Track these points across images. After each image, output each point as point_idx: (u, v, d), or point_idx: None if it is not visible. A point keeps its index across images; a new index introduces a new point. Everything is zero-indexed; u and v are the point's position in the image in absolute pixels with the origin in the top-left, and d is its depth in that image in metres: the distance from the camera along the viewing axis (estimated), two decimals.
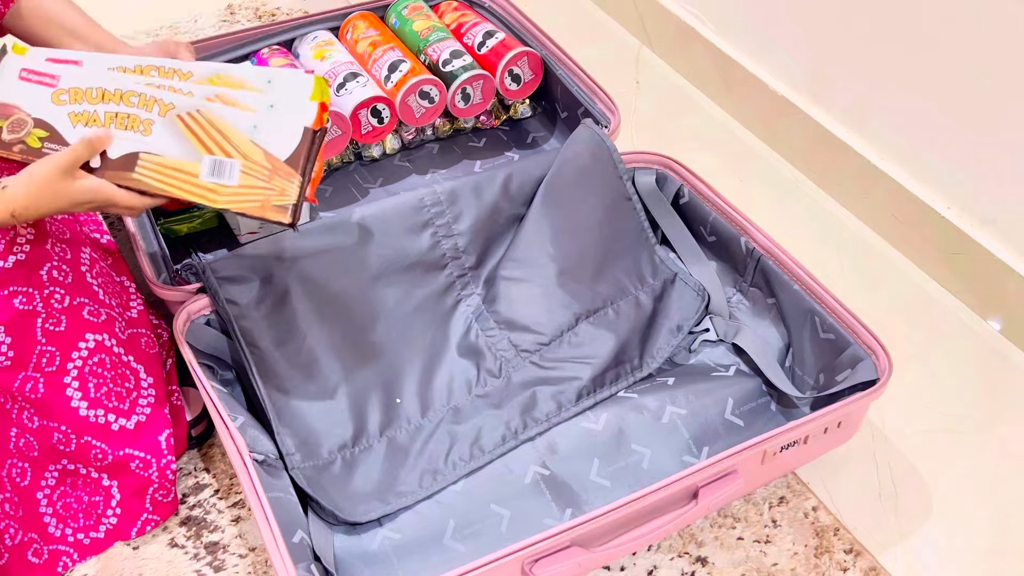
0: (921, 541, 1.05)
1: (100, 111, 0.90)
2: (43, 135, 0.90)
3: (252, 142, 0.89)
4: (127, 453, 0.98)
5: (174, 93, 0.90)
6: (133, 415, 0.98)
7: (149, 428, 0.99)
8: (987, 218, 1.25)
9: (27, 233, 0.91)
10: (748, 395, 1.09)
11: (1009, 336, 1.26)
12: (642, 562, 1.01)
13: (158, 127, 0.89)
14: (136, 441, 0.98)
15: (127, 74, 0.91)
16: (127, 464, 0.98)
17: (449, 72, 1.32)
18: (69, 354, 0.94)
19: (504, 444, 1.03)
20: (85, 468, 0.98)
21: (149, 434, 0.99)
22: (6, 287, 0.90)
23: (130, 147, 0.89)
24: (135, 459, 0.98)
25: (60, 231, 0.99)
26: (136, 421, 0.98)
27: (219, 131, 0.89)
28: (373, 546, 0.96)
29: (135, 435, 0.98)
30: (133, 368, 1.00)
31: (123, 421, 0.97)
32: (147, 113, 0.90)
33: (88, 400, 0.95)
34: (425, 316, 1.13)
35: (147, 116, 0.90)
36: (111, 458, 0.97)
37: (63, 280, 0.95)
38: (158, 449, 1.00)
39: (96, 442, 0.96)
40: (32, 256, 0.92)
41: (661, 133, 1.56)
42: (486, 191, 1.17)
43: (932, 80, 1.25)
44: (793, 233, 1.37)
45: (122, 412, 0.97)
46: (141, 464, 0.99)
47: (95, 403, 0.95)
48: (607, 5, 1.81)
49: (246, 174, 0.88)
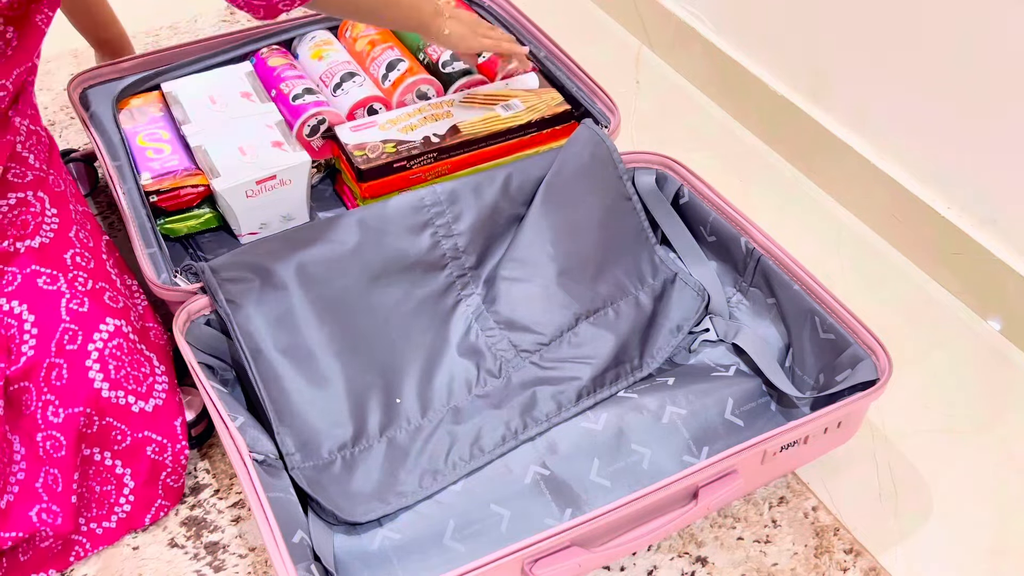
0: (921, 541, 1.05)
1: (415, 119, 1.23)
2: (392, 147, 1.19)
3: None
4: (145, 436, 0.99)
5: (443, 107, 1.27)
6: (151, 398, 1.00)
7: (166, 412, 1.01)
8: (987, 218, 1.25)
9: (53, 219, 0.94)
10: (748, 395, 1.09)
11: (1009, 336, 1.26)
12: (642, 562, 1.01)
13: (455, 109, 1.26)
14: (154, 424, 1.00)
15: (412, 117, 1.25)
16: (144, 448, 0.99)
17: (448, 73, 1.32)
18: (91, 335, 0.96)
19: (504, 444, 1.03)
20: (101, 454, 0.98)
21: (166, 418, 1.01)
22: (29, 265, 0.92)
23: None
24: (152, 442, 0.99)
25: (84, 219, 1.02)
26: (154, 404, 1.00)
27: (490, 94, 1.29)
28: (373, 546, 0.96)
29: (153, 418, 1.00)
30: (147, 355, 1.02)
31: (142, 404, 0.99)
32: (446, 107, 1.26)
33: (109, 381, 0.96)
34: (425, 316, 1.13)
35: (446, 109, 1.25)
36: (130, 440, 0.98)
37: (85, 265, 0.98)
38: (174, 433, 1.01)
39: (117, 423, 0.97)
40: (56, 241, 0.96)
41: (661, 133, 1.56)
42: (486, 191, 1.17)
43: (932, 80, 1.25)
44: (793, 233, 1.37)
45: (140, 395, 0.99)
46: (157, 448, 1.00)
47: (116, 384, 0.97)
48: (607, 5, 1.81)
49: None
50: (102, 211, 1.36)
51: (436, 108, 1.26)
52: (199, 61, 1.33)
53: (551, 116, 1.26)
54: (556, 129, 1.27)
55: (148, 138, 1.22)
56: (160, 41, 1.67)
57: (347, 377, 1.06)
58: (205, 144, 1.20)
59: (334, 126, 1.23)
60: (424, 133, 1.21)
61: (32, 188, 1.00)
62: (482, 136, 1.23)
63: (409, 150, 1.19)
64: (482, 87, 1.31)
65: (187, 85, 1.29)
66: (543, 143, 1.27)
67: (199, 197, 1.18)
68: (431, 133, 1.21)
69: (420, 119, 1.23)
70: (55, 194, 1.02)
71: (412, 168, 1.20)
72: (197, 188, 1.17)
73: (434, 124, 1.23)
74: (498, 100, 1.27)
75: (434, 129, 1.22)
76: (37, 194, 1.00)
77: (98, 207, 1.36)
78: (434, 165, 1.21)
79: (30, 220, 0.98)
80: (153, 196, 1.16)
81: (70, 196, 1.06)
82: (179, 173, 1.17)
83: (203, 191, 1.17)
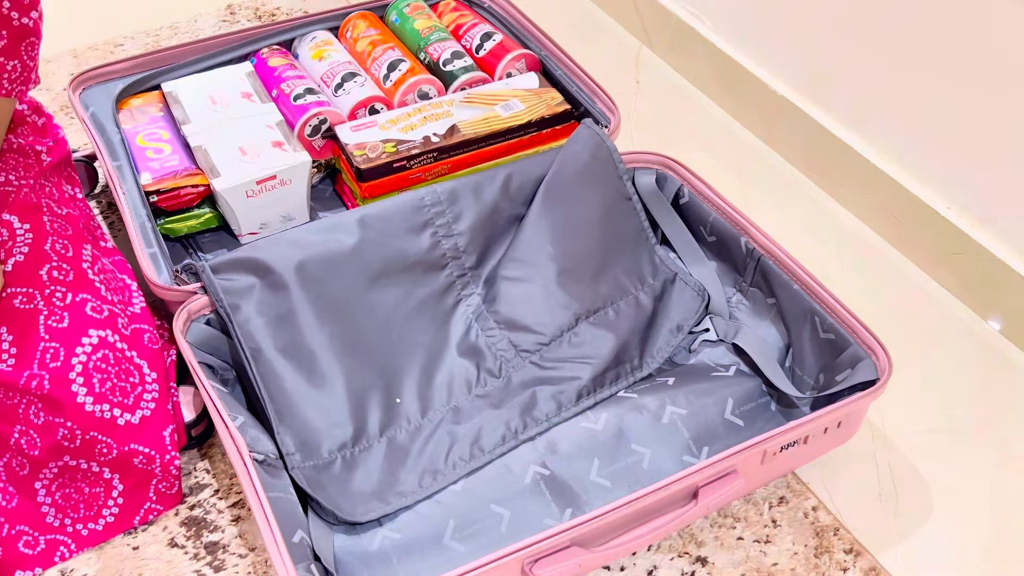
0: (921, 541, 1.05)
1: (415, 118, 1.23)
2: (391, 146, 1.19)
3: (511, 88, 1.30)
4: (132, 448, 0.98)
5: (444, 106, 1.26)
6: (138, 410, 0.99)
7: (153, 423, 1.00)
8: (987, 218, 1.25)
9: (25, 236, 0.92)
10: (748, 395, 1.09)
11: (1009, 336, 1.26)
12: (642, 562, 1.01)
13: (455, 108, 1.25)
14: (140, 436, 0.99)
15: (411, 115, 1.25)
16: (131, 459, 0.98)
17: (449, 72, 1.32)
18: (73, 350, 0.95)
19: (504, 444, 1.03)
20: (87, 463, 0.98)
21: (153, 429, 1.00)
22: (5, 289, 0.90)
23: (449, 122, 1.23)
24: (139, 454, 0.98)
25: (62, 228, 0.99)
26: (141, 416, 0.99)
27: (489, 94, 1.29)
28: (373, 546, 0.96)
29: (140, 430, 0.98)
30: (136, 364, 1.00)
31: (128, 416, 0.98)
32: (446, 107, 1.25)
33: (94, 395, 0.95)
34: (425, 316, 1.13)
35: (446, 108, 1.25)
36: (116, 453, 0.97)
37: (63, 279, 0.95)
38: (162, 445, 1.00)
39: (102, 437, 0.96)
40: (31, 257, 0.92)
41: (661, 133, 1.56)
42: (486, 191, 1.17)
43: (932, 80, 1.25)
44: (793, 233, 1.37)
45: (127, 407, 0.98)
46: (144, 459, 0.99)
47: (100, 398, 0.96)
48: (607, 5, 1.81)
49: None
50: (102, 211, 1.36)
51: (436, 108, 1.25)
52: (199, 61, 1.33)
53: (551, 116, 1.26)
54: (556, 129, 1.28)
55: (148, 138, 1.22)
56: (160, 41, 1.67)
57: (347, 377, 1.06)
58: (205, 144, 1.20)
59: (335, 126, 1.23)
60: (424, 133, 1.21)
61: (3, 209, 0.97)
62: (482, 136, 1.23)
63: (409, 150, 1.19)
64: (482, 87, 1.31)
65: (187, 85, 1.29)
66: (543, 143, 1.27)
67: (199, 197, 1.18)
68: (431, 133, 1.21)
69: (420, 119, 1.23)
70: (27, 208, 0.99)
71: (412, 168, 1.20)
72: (197, 188, 1.17)
73: (434, 124, 1.23)
74: (498, 100, 1.27)
75: (434, 129, 1.22)
76: (2, 217, 0.98)
77: (98, 207, 1.36)
78: (434, 165, 1.21)
79: (2, 243, 0.94)
80: (153, 196, 1.16)
81: (50, 206, 1.04)
82: (179, 173, 1.17)
83: (203, 191, 1.17)
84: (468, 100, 1.27)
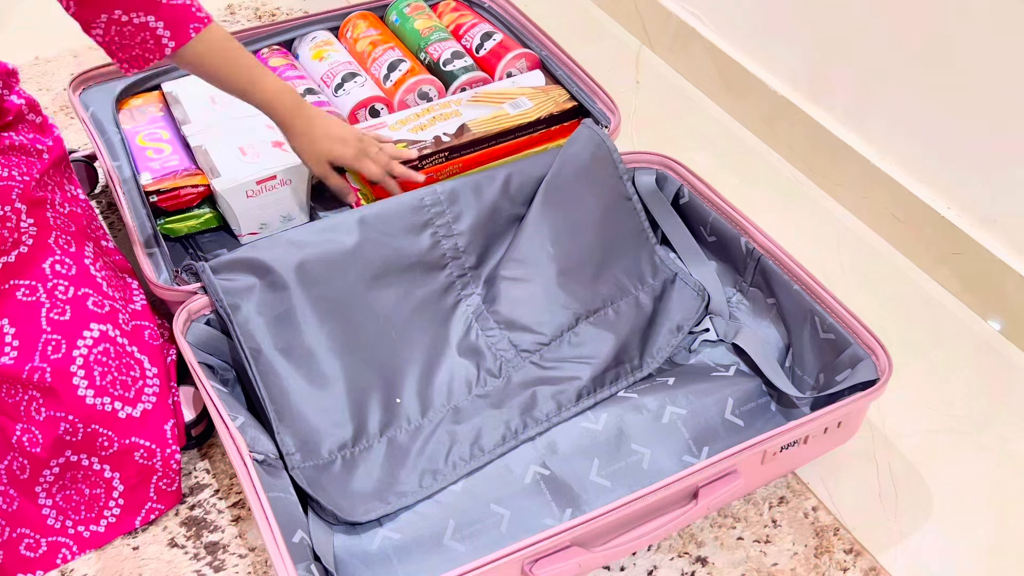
0: (921, 541, 1.05)
1: (424, 119, 1.24)
2: (403, 147, 1.19)
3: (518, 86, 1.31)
4: (133, 442, 0.98)
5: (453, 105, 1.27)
6: (139, 403, 0.99)
7: (155, 417, 1.00)
8: (987, 218, 1.25)
9: (29, 229, 0.92)
10: (748, 395, 1.09)
11: (1009, 336, 1.26)
12: (642, 562, 1.01)
13: (463, 108, 1.26)
14: (142, 429, 0.99)
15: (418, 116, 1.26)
16: (131, 453, 0.98)
17: (449, 72, 1.32)
18: (74, 342, 0.95)
19: (504, 444, 1.03)
20: (88, 459, 0.98)
21: (154, 423, 1.00)
22: (7, 281, 0.91)
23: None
24: (140, 448, 0.99)
25: (65, 224, 1.00)
26: (142, 409, 0.99)
27: (497, 92, 1.29)
28: (373, 546, 0.96)
29: (141, 423, 0.99)
30: (137, 359, 1.01)
31: (129, 409, 0.98)
32: (455, 106, 1.26)
33: (95, 388, 0.96)
34: (425, 316, 1.13)
35: (455, 108, 1.25)
36: (117, 446, 0.98)
37: (66, 272, 0.96)
38: (163, 438, 1.00)
39: (103, 430, 0.97)
40: (34, 250, 0.93)
41: (661, 133, 1.56)
42: (486, 191, 1.17)
43: (932, 80, 1.25)
44: (793, 233, 1.37)
45: (128, 400, 0.98)
46: (146, 453, 0.99)
47: (101, 391, 0.96)
48: (607, 5, 1.81)
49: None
50: (102, 211, 1.36)
51: (444, 108, 1.26)
52: None
53: (559, 112, 1.26)
54: (565, 125, 1.28)
55: (148, 138, 1.22)
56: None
57: (347, 377, 1.06)
58: (205, 144, 1.20)
59: None
60: (434, 133, 1.22)
61: (7, 203, 0.98)
62: (492, 134, 1.23)
63: (421, 150, 1.19)
64: (489, 85, 1.31)
65: (187, 85, 1.29)
66: (552, 140, 1.27)
67: (199, 197, 1.18)
68: (441, 132, 1.22)
69: (429, 119, 1.24)
70: (31, 203, 1.00)
71: (424, 168, 1.20)
72: (197, 188, 1.17)
73: (444, 123, 1.23)
74: (506, 98, 1.27)
75: (444, 128, 1.22)
76: (15, 206, 0.98)
77: (98, 207, 1.36)
78: (445, 164, 1.21)
79: (7, 235, 0.95)
80: (153, 196, 1.16)
81: (53, 202, 1.04)
82: (179, 173, 1.17)
83: (203, 191, 1.17)
84: (476, 99, 1.27)
